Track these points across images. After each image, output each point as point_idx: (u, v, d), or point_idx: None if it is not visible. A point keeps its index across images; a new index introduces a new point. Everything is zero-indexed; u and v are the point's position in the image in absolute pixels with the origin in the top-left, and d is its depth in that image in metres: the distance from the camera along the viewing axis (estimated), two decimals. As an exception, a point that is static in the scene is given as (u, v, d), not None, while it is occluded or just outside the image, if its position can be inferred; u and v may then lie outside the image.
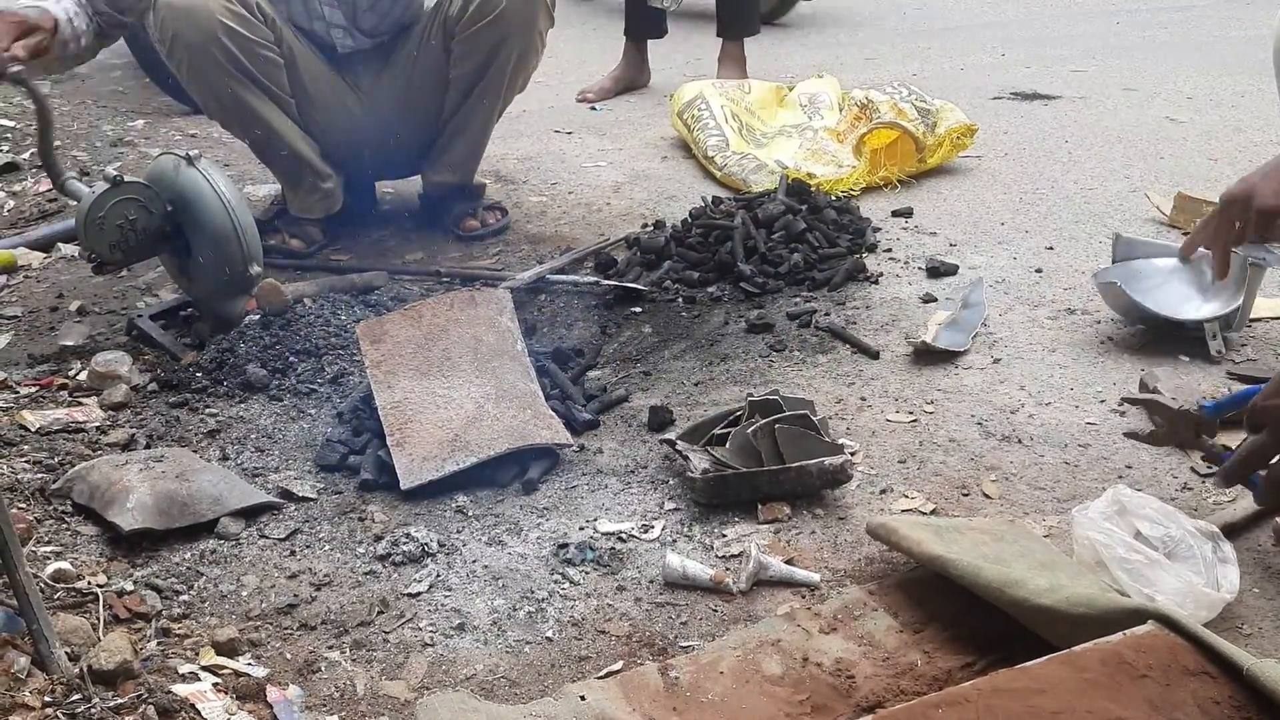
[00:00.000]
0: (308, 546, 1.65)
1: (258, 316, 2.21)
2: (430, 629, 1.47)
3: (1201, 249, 2.01)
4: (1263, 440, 1.41)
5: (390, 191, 3.22)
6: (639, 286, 2.44)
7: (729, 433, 1.77)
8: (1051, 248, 2.64)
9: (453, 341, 1.99)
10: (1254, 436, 1.42)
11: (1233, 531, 1.53)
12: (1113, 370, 2.06)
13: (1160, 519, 1.47)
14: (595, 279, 2.50)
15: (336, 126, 2.74)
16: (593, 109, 4.08)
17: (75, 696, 1.28)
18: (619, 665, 1.39)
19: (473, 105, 2.73)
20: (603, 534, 1.65)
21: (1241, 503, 1.61)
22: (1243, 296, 2.07)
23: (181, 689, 1.32)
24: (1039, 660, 1.17)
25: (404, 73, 2.73)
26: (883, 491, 1.74)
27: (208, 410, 2.02)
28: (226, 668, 1.38)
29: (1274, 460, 1.41)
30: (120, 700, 1.29)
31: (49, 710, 1.25)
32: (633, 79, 4.33)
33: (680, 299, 2.43)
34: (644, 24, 4.29)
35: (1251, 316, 2.14)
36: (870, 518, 1.58)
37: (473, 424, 1.83)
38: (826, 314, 2.31)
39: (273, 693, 1.34)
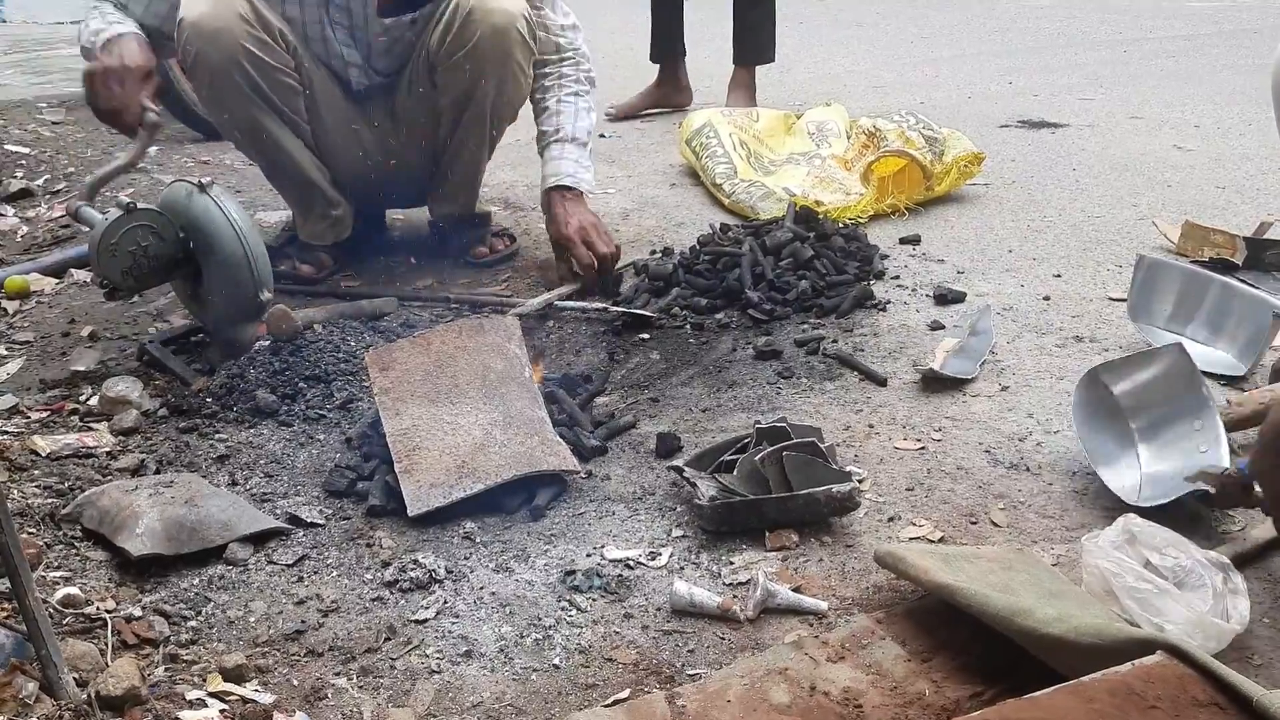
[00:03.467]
0: (315, 572, 1.65)
1: (268, 342, 2.22)
2: (437, 656, 1.46)
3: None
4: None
5: (400, 219, 3.25)
6: (646, 313, 2.45)
7: (736, 460, 1.77)
8: (1059, 275, 2.64)
9: (461, 369, 2.00)
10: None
11: (1243, 562, 1.52)
12: (1121, 398, 2.06)
13: (1170, 548, 1.47)
14: (604, 305, 2.51)
15: (347, 155, 2.76)
16: (601, 136, 4.10)
17: (83, 722, 1.28)
18: (626, 693, 1.38)
19: (462, 136, 2.73)
20: (610, 561, 1.65)
21: (1252, 532, 1.61)
22: (1261, 349, 2.07)
23: (188, 715, 1.32)
24: (1047, 690, 1.17)
25: (405, 106, 2.74)
26: (890, 519, 1.73)
27: (217, 436, 2.03)
28: (234, 694, 1.38)
29: None
30: (127, 726, 1.29)
31: (56, 736, 1.26)
32: (667, 96, 4.40)
33: (688, 326, 2.43)
34: (667, 45, 4.37)
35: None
36: (878, 545, 1.58)
37: (480, 451, 1.84)
38: (834, 341, 2.31)
39: None
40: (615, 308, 2.49)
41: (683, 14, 4.37)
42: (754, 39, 4.22)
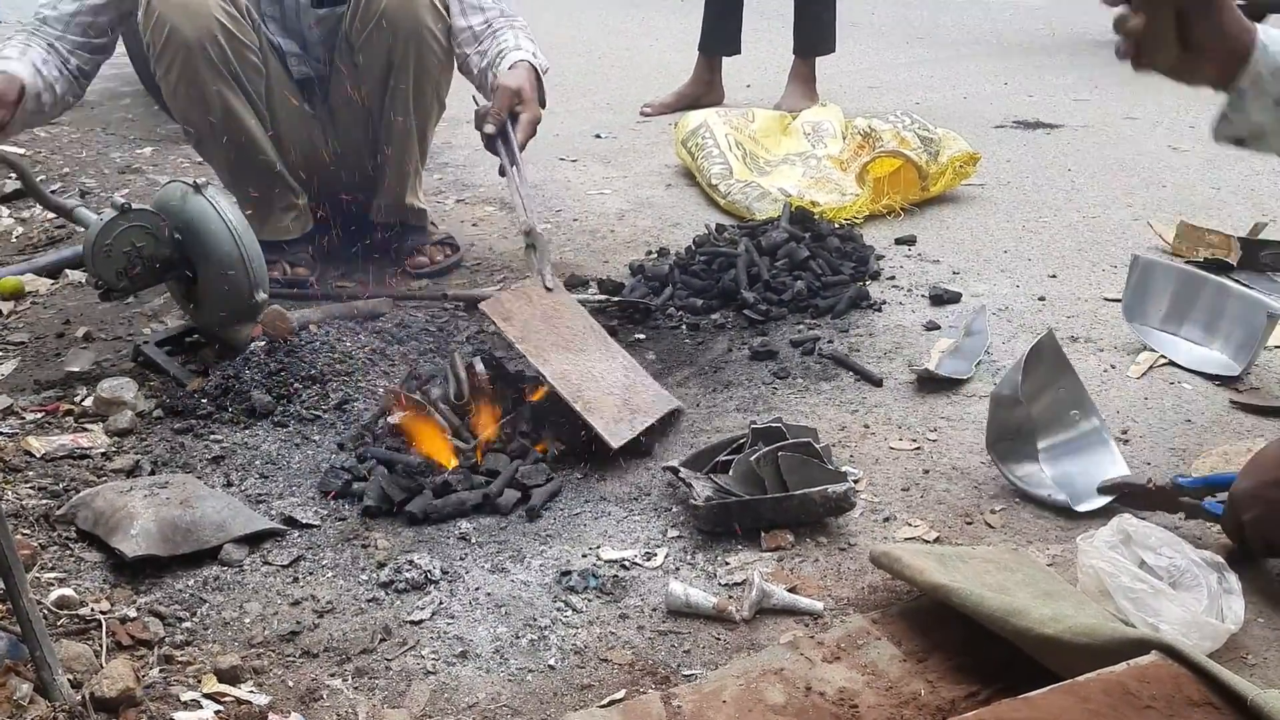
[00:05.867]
0: (311, 573, 1.65)
1: (263, 343, 2.21)
2: (433, 657, 1.46)
3: None
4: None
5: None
6: (646, 302, 2.47)
7: (732, 460, 1.77)
8: (1054, 276, 2.65)
9: (565, 321, 2.07)
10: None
11: (1238, 561, 1.52)
12: (1116, 398, 2.06)
13: (1165, 548, 1.47)
14: (604, 298, 2.52)
15: (297, 145, 2.71)
16: (596, 136, 4.10)
17: (77, 724, 1.28)
18: (621, 694, 1.38)
19: (388, 119, 2.65)
20: (605, 561, 1.65)
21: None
22: (1255, 350, 2.07)
23: (183, 716, 1.32)
24: (1042, 690, 1.17)
25: (338, 95, 2.69)
26: (886, 519, 1.74)
27: (212, 436, 2.02)
28: (229, 695, 1.38)
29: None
30: (122, 728, 1.29)
31: (51, 738, 1.25)
32: (699, 96, 4.33)
33: (684, 326, 2.43)
34: (719, 40, 4.32)
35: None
36: (873, 546, 1.58)
37: (631, 391, 1.97)
38: (830, 341, 2.32)
39: (274, 720, 1.34)
40: (615, 298, 2.50)
41: (741, 9, 4.31)
42: (814, 30, 4.22)
